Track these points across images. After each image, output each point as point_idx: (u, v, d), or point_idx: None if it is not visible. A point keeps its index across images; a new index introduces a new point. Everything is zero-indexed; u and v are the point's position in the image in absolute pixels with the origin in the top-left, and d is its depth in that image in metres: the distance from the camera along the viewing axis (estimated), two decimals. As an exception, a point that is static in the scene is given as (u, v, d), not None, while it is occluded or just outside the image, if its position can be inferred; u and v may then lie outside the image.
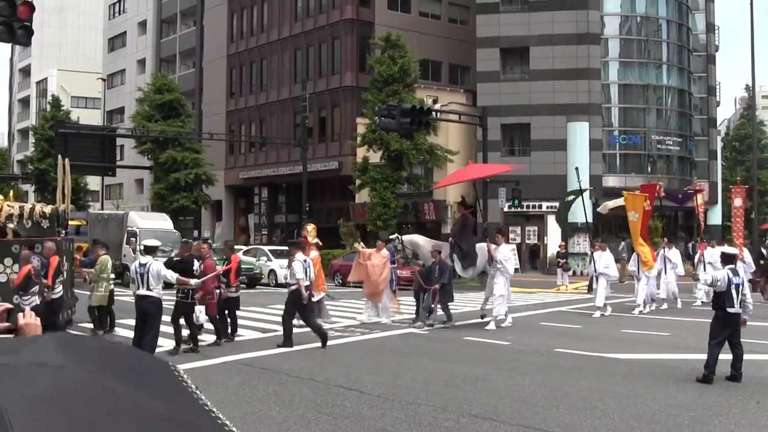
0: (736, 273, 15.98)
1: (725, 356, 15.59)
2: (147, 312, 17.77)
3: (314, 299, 24.06)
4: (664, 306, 31.99)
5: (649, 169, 64.84)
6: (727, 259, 16.42)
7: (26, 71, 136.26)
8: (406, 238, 26.84)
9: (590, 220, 39.45)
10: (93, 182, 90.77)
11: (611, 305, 30.29)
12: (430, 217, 62.19)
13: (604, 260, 30.02)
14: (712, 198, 70.90)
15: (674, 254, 33.37)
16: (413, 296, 27.35)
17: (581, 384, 15.27)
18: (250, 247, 56.17)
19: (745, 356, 15.81)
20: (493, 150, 55.55)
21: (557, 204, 45.12)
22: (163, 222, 47.35)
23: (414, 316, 26.29)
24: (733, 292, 15.65)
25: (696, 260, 34.59)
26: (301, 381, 15.33)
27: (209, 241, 36.21)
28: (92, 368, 2.26)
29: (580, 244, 57.77)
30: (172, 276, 18.28)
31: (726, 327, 15.61)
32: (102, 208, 79.72)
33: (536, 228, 60.94)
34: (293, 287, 20.39)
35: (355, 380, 15.35)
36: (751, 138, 72.97)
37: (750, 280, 34.40)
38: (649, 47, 67.36)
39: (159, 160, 68.59)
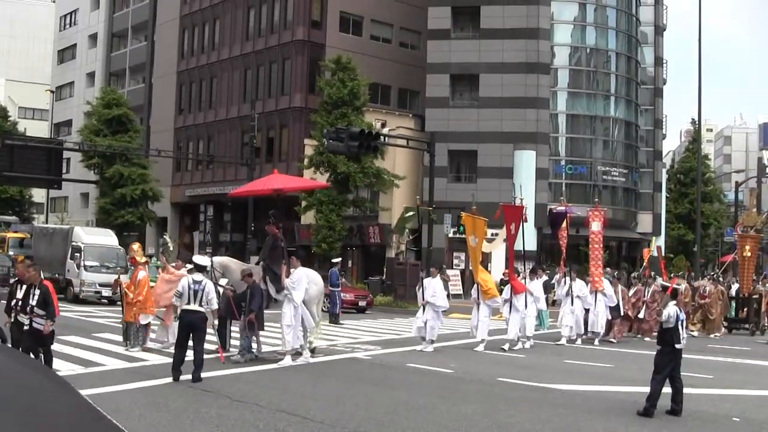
0: (680, 309, 16.20)
1: (665, 390, 15.72)
2: (196, 326, 18.34)
3: (142, 322, 23.66)
4: (529, 344, 28.56)
5: (595, 199, 65.38)
6: (673, 295, 16.57)
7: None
8: (216, 259, 24.49)
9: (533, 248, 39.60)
10: (38, 194, 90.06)
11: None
12: (375, 241, 62.24)
13: (432, 288, 26.73)
14: (656, 230, 71.53)
15: (536, 286, 30.58)
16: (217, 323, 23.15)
17: (523, 414, 15.31)
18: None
19: (684, 390, 15.95)
20: (440, 176, 55.72)
21: (500, 232, 44.98)
22: (107, 238, 47.03)
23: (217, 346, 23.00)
24: (680, 327, 15.85)
25: (563, 293, 31.66)
26: (244, 405, 15.24)
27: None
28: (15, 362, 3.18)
29: (525, 270, 57.99)
30: (215, 300, 18.78)
31: (671, 362, 15.77)
32: (47, 221, 79.22)
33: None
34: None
35: (297, 405, 15.29)
36: (695, 171, 73.77)
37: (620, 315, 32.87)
38: (597, 78, 68.07)
39: (105, 174, 68.27)
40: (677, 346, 15.80)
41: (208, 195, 76.43)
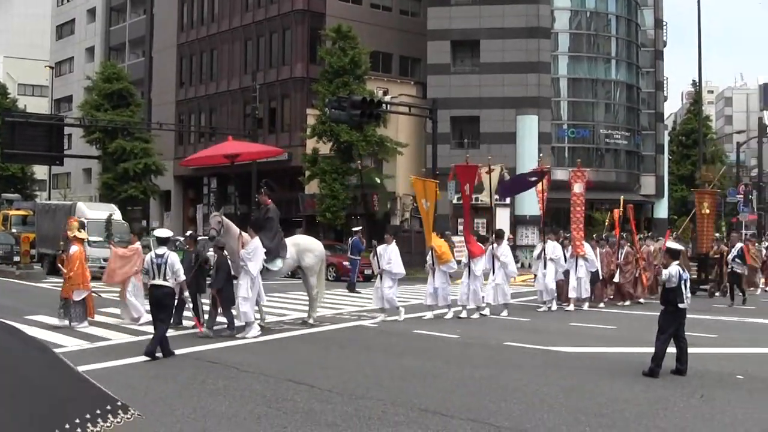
0: (683, 269, 16.17)
1: (670, 350, 15.74)
2: (162, 301, 17.98)
3: (75, 299, 22.71)
4: (504, 313, 27.30)
5: (597, 162, 65.40)
6: (674, 255, 16.51)
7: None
8: (226, 220, 22.75)
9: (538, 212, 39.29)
10: (40, 171, 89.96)
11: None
12: (379, 209, 62.16)
13: (388, 255, 25.73)
14: (659, 192, 71.53)
15: (503, 251, 28.47)
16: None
17: (530, 378, 15.36)
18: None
19: (689, 350, 15.98)
20: (443, 142, 55.64)
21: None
22: (111, 213, 46.98)
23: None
24: (683, 287, 15.82)
25: (535, 256, 31.16)
26: (251, 375, 15.32)
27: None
28: None
29: (528, 236, 58.10)
30: (181, 272, 18.33)
31: (674, 322, 15.78)
32: (49, 198, 79.05)
33: (485, 220, 61.00)
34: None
35: (305, 374, 15.37)
36: (697, 133, 73.64)
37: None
38: (598, 42, 67.86)
39: (107, 149, 68.15)
40: (681, 305, 15.79)
41: (211, 168, 76.29)
